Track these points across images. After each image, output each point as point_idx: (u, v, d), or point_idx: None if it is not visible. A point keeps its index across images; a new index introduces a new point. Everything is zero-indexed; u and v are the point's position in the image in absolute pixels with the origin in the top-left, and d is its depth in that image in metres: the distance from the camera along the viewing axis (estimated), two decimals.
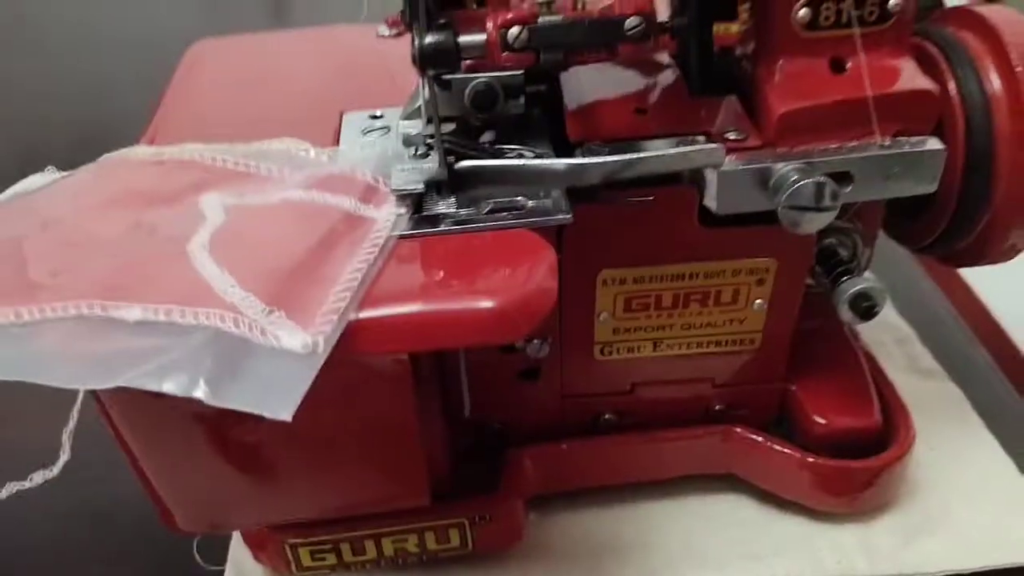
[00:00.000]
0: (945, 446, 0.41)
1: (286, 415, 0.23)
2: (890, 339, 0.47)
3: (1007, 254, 0.37)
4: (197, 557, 0.38)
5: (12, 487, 0.35)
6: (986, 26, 0.35)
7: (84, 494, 0.42)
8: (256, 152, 0.33)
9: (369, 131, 0.35)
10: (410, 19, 0.29)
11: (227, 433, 0.28)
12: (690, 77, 0.36)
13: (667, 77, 0.36)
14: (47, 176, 0.35)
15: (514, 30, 0.28)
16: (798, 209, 0.31)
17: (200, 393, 0.23)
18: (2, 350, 0.25)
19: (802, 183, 0.30)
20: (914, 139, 0.32)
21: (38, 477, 0.35)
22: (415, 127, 0.32)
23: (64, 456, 0.36)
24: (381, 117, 0.36)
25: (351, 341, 0.25)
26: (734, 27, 0.36)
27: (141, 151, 0.34)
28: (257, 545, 0.36)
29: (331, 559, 0.36)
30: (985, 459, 0.41)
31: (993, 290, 0.53)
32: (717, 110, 0.34)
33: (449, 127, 0.33)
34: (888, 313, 0.49)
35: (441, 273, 0.27)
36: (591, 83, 0.36)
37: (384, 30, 0.40)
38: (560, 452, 0.38)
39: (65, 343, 0.25)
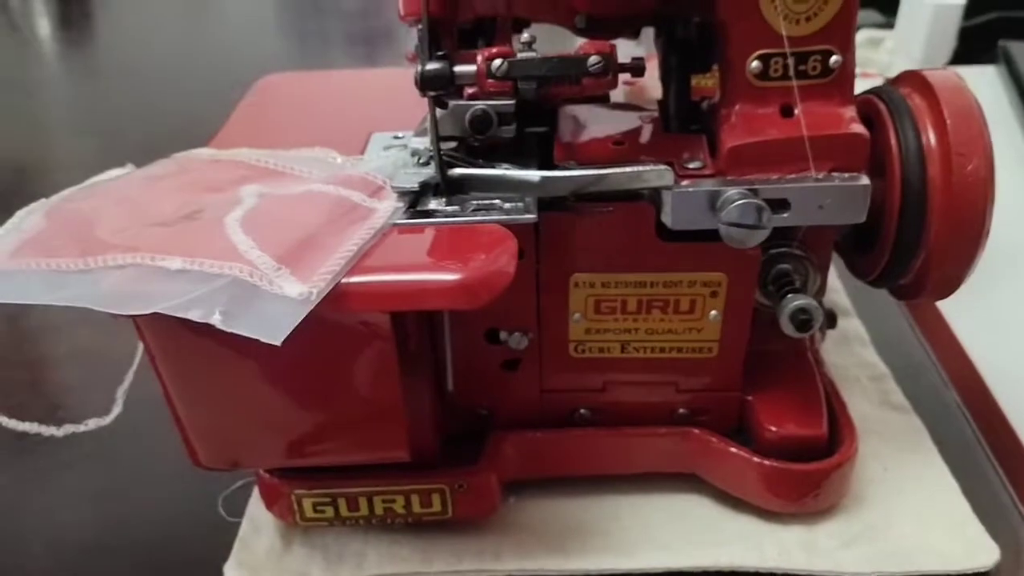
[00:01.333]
0: (899, 469, 0.45)
1: (277, 341, 0.29)
2: (865, 376, 0.51)
3: (944, 290, 0.41)
4: (221, 510, 0.45)
5: (69, 428, 0.42)
6: (927, 85, 0.40)
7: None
8: (293, 157, 0.40)
9: (389, 147, 0.42)
10: (418, 52, 0.36)
11: (240, 375, 0.34)
12: (668, 118, 0.42)
13: (648, 119, 0.42)
14: (126, 169, 0.42)
15: (496, 62, 0.35)
16: (735, 226, 0.36)
17: (215, 321, 0.29)
18: (72, 287, 0.32)
19: (738, 203, 0.36)
20: (846, 175, 0.37)
21: (92, 423, 0.42)
22: (423, 143, 0.39)
23: (117, 409, 0.43)
24: (402, 137, 0.42)
25: (340, 297, 0.31)
26: (711, 80, 0.42)
27: (203, 152, 0.41)
28: (270, 498, 0.42)
29: (329, 512, 0.41)
30: (934, 483, 0.44)
31: (975, 337, 0.56)
32: (684, 145, 0.39)
33: (451, 145, 0.39)
34: (867, 353, 0.53)
35: (421, 252, 0.33)
36: (582, 120, 0.42)
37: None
38: (536, 439, 0.43)
39: (119, 284, 0.32)
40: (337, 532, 0.43)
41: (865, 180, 0.37)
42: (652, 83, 0.45)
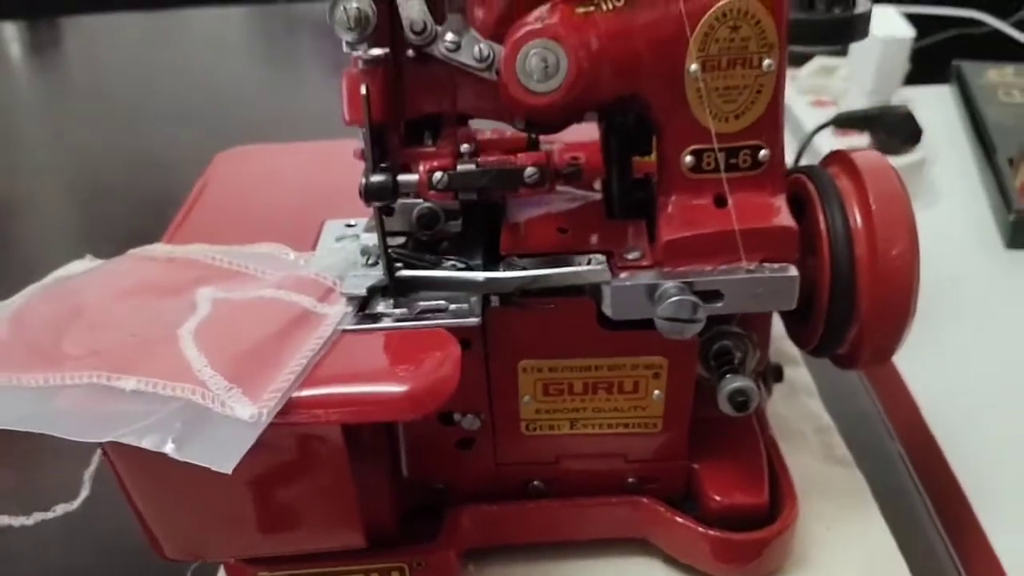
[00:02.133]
0: (840, 528, 0.47)
1: (228, 469, 0.30)
2: (810, 428, 0.53)
3: (877, 360, 0.43)
4: None
5: (38, 516, 0.43)
6: (854, 169, 0.41)
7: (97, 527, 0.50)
8: (247, 254, 0.41)
9: (342, 238, 0.43)
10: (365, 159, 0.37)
11: (200, 481, 0.36)
12: (611, 203, 0.44)
13: (592, 203, 0.44)
14: (85, 263, 0.44)
15: (437, 175, 0.36)
16: (670, 320, 0.38)
17: (167, 449, 0.31)
18: (30, 406, 0.33)
19: (674, 299, 0.37)
20: (776, 265, 0.39)
21: (60, 509, 0.44)
22: (372, 239, 0.40)
23: (85, 492, 0.44)
24: (354, 226, 0.44)
25: (291, 413, 0.32)
26: (649, 158, 0.44)
27: (159, 249, 0.43)
28: (236, 573, 0.44)
29: None
30: (872, 543, 0.46)
31: (924, 383, 0.58)
32: (625, 232, 0.41)
33: (400, 240, 0.41)
34: (813, 404, 0.55)
35: (368, 362, 0.35)
36: (530, 205, 0.43)
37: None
38: (493, 512, 0.45)
39: (76, 403, 0.33)
40: None
41: (793, 271, 0.39)
42: None
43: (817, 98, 0.89)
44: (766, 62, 0.37)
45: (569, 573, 0.45)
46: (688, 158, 0.39)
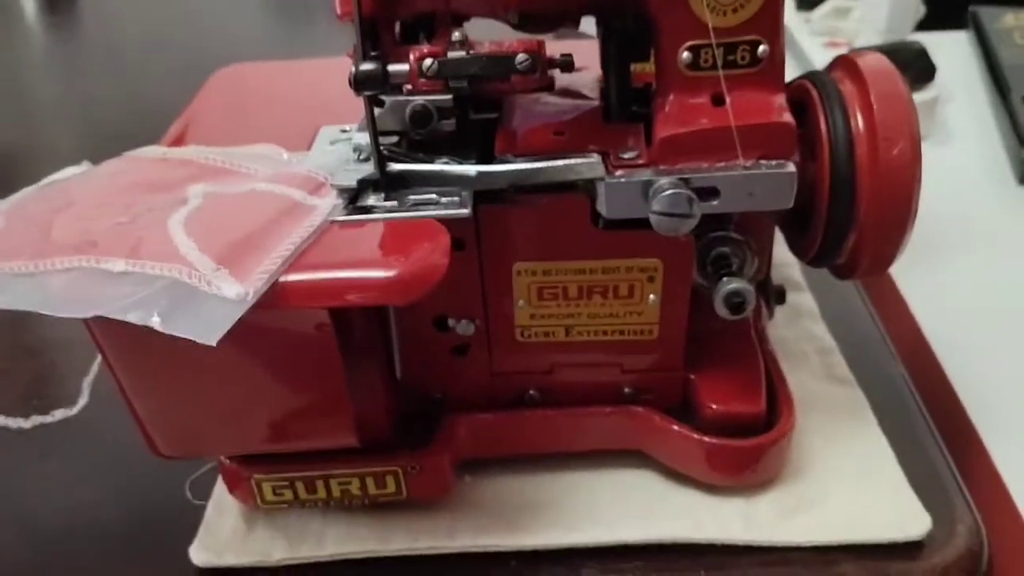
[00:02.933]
0: (838, 442, 0.46)
1: (212, 341, 0.30)
2: (812, 349, 0.52)
3: (877, 269, 0.42)
4: (188, 494, 0.46)
5: (36, 420, 0.43)
6: (857, 71, 0.41)
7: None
8: (241, 154, 0.41)
9: (336, 141, 0.42)
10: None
11: (188, 369, 0.36)
12: (609, 108, 0.43)
13: (590, 108, 0.43)
14: (81, 167, 0.43)
15: (427, 62, 0.36)
16: (666, 215, 0.37)
17: (153, 323, 0.31)
18: (22, 289, 0.33)
19: (668, 192, 0.37)
20: (773, 162, 0.38)
21: (59, 414, 0.44)
22: (366, 138, 0.40)
23: (83, 399, 0.44)
24: (348, 131, 0.43)
25: (277, 295, 0.32)
26: (649, 66, 0.43)
27: (154, 150, 0.42)
28: (231, 482, 0.44)
29: (288, 495, 0.43)
30: (871, 455, 0.45)
31: (927, 308, 0.57)
32: (622, 135, 0.40)
33: (393, 140, 0.40)
34: (816, 327, 0.54)
35: (356, 249, 0.35)
36: (526, 109, 0.43)
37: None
38: (487, 421, 0.44)
39: (66, 286, 0.33)
40: (299, 513, 0.45)
41: (791, 167, 0.38)
42: None
43: (831, 39, 0.88)
44: None
45: (565, 485, 0.45)
46: (685, 54, 0.38)
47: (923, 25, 0.97)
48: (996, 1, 0.97)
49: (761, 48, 0.38)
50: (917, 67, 0.76)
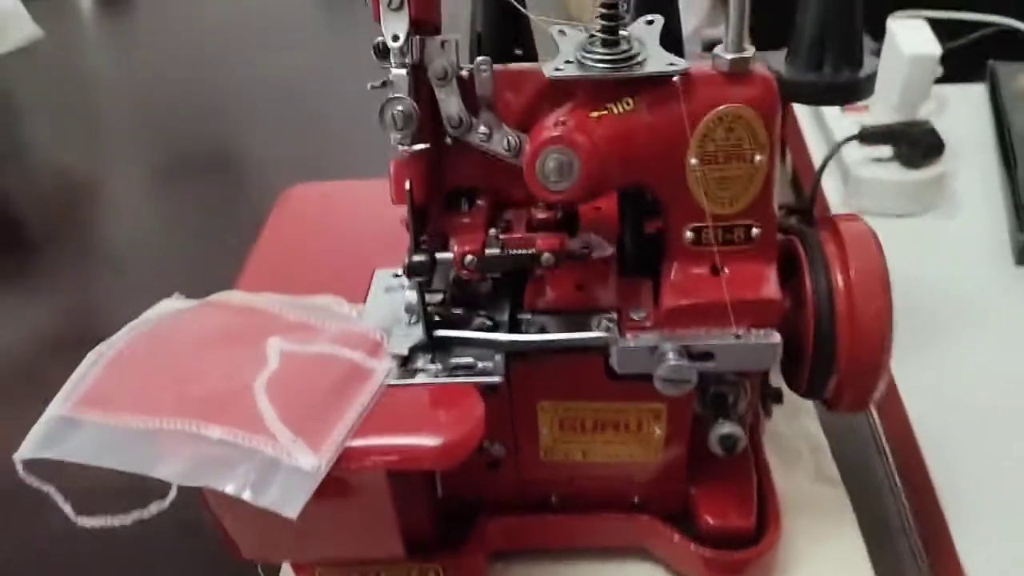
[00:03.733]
0: (822, 544, 0.53)
1: (293, 515, 0.38)
2: (806, 448, 0.59)
3: (857, 406, 0.48)
4: (260, 572, 0.55)
5: (136, 515, 0.51)
6: (839, 236, 0.47)
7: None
8: (308, 305, 0.48)
9: (390, 289, 0.50)
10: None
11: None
12: (624, 261, 0.49)
13: (606, 258, 0.49)
14: (174, 301, 0.51)
15: (468, 258, 0.43)
16: (668, 381, 0.44)
17: (246, 496, 0.38)
18: (134, 449, 0.41)
19: (671, 363, 0.43)
20: (761, 332, 0.44)
21: (154, 507, 0.52)
22: (414, 296, 0.47)
23: (173, 494, 0.52)
24: (400, 276, 0.50)
25: (344, 462, 0.40)
26: None
27: (235, 296, 0.50)
28: (299, 569, 0.52)
29: None
30: (847, 552, 0.52)
31: (919, 404, 0.63)
32: (633, 291, 0.47)
33: (439, 296, 0.47)
34: (811, 423, 0.61)
35: (407, 419, 0.42)
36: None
37: None
38: (516, 523, 0.52)
39: (172, 450, 0.41)
40: None
41: (776, 338, 0.44)
42: None
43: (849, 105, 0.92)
44: (758, 158, 0.43)
45: (582, 573, 0.53)
46: (689, 233, 0.45)
47: (943, 76, 1.00)
48: (1017, 55, 0.99)
49: (755, 231, 0.44)
50: (926, 144, 0.81)
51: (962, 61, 1.05)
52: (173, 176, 1.03)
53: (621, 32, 0.42)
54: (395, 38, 0.42)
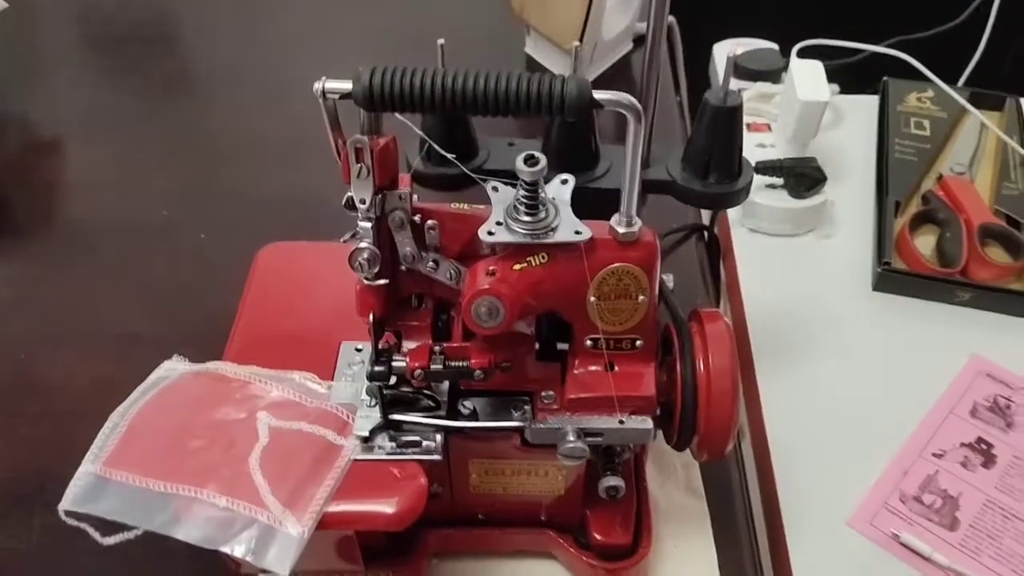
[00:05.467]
0: (684, 547, 0.69)
1: (285, 572, 0.52)
2: (680, 464, 0.75)
3: (715, 456, 0.63)
4: None
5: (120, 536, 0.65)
6: (704, 329, 0.60)
7: None
8: (286, 379, 0.61)
9: (352, 364, 0.62)
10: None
11: None
12: (540, 351, 0.62)
13: (528, 339, 0.62)
14: (176, 363, 0.63)
15: (417, 372, 0.55)
16: (567, 456, 0.58)
17: (248, 558, 0.52)
18: (156, 509, 0.54)
19: (570, 444, 0.57)
20: (639, 419, 0.59)
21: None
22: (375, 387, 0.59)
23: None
24: (361, 351, 0.63)
25: (322, 525, 0.54)
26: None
27: (227, 367, 0.62)
28: None
29: None
30: (702, 554, 0.69)
31: (777, 418, 0.79)
32: (547, 375, 0.60)
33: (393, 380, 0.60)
34: None
35: (369, 488, 0.55)
36: None
37: None
38: (450, 534, 0.67)
39: (187, 514, 0.54)
40: None
41: (649, 424, 0.58)
42: None
43: (754, 121, 1.04)
44: (640, 297, 0.56)
45: (500, 570, 0.68)
46: (588, 341, 0.58)
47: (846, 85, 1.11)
48: (914, 74, 1.09)
49: (638, 343, 0.58)
50: (811, 179, 0.94)
51: (862, 72, 1.16)
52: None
53: (540, 194, 0.54)
54: (363, 201, 0.53)
